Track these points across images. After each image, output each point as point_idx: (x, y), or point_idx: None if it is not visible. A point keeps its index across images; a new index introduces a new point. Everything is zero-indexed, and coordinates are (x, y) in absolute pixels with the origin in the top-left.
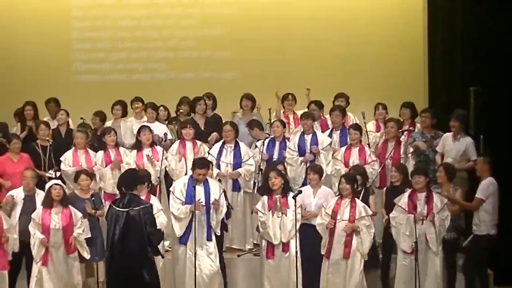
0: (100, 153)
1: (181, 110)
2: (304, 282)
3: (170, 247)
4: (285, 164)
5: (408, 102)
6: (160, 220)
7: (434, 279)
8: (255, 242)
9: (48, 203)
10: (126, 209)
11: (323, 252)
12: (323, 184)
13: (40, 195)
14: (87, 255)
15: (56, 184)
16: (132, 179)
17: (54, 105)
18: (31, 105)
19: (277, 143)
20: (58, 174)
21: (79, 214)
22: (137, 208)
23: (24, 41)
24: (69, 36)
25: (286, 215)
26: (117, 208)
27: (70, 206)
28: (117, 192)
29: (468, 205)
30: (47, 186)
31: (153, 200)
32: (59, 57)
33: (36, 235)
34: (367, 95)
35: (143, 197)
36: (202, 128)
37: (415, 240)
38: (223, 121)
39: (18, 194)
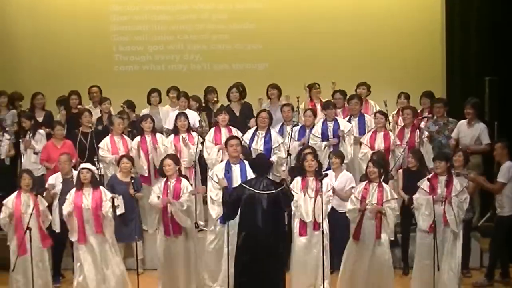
0: (137, 138)
1: (215, 99)
2: (332, 260)
3: (205, 227)
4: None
5: (428, 92)
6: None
7: (454, 258)
8: None
9: (79, 185)
10: (266, 192)
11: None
12: (346, 167)
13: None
14: (109, 234)
15: (83, 168)
16: (266, 164)
17: (97, 90)
18: (76, 94)
19: (307, 131)
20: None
21: (109, 194)
22: (278, 190)
23: (69, 35)
24: (109, 29)
25: (321, 197)
26: (256, 191)
27: (101, 187)
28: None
29: (491, 187)
30: (77, 170)
31: (184, 181)
32: (100, 49)
33: (67, 212)
34: (388, 84)
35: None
36: (237, 115)
37: (434, 220)
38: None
39: (57, 177)
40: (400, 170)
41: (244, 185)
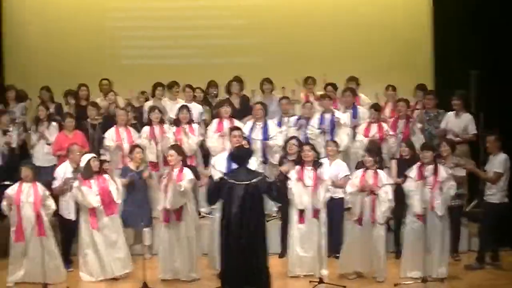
0: (146, 128)
1: (214, 92)
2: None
3: (206, 213)
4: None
5: (421, 84)
6: (186, 184)
7: (441, 242)
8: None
9: (88, 174)
10: (245, 182)
11: (352, 218)
12: (343, 155)
13: None
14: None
15: (94, 157)
16: (245, 155)
17: (107, 82)
18: (85, 86)
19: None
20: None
21: (118, 181)
22: (256, 179)
23: (75, 33)
24: (111, 25)
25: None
26: (234, 182)
27: (104, 174)
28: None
29: (487, 177)
30: (85, 159)
31: (186, 170)
32: (104, 45)
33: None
34: (378, 77)
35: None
36: (237, 107)
37: (419, 207)
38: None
39: (67, 167)
40: (394, 160)
41: (225, 177)
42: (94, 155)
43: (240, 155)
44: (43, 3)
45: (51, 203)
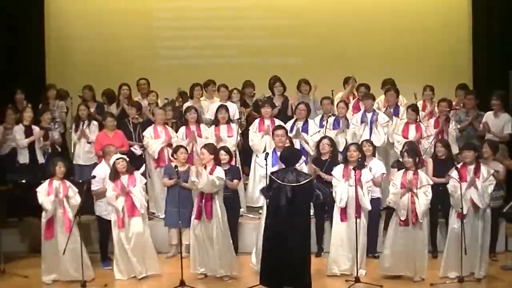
0: (182, 128)
1: (254, 92)
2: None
3: (244, 213)
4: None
5: (463, 84)
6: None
7: (482, 243)
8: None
9: (115, 176)
10: (293, 184)
11: (400, 217)
12: (382, 154)
13: None
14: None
15: (118, 158)
16: (294, 156)
17: (145, 82)
18: (127, 85)
19: (341, 121)
20: (140, 149)
21: (144, 180)
22: (304, 181)
23: (115, 33)
24: (153, 25)
25: (360, 186)
26: (282, 182)
27: (135, 172)
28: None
29: None
30: (111, 161)
31: (218, 168)
32: (145, 45)
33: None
34: (417, 77)
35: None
36: (279, 108)
37: (461, 206)
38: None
39: (104, 168)
40: (430, 159)
41: (272, 176)
42: (120, 156)
43: (288, 157)
44: (85, 4)
45: (77, 198)
